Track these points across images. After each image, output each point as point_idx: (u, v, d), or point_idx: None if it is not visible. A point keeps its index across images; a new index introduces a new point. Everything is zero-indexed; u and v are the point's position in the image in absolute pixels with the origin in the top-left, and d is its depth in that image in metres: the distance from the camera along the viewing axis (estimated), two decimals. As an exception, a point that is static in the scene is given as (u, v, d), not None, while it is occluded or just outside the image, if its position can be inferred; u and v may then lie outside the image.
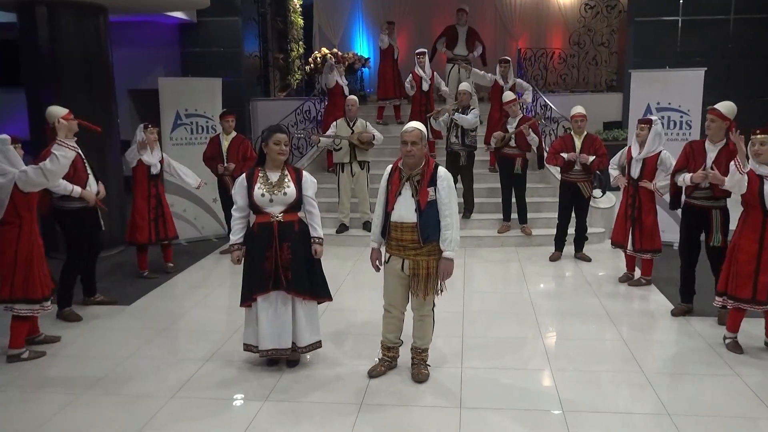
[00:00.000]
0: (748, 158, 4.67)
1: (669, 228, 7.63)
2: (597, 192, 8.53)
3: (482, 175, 8.94)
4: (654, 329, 5.43)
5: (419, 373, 4.42)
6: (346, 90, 9.80)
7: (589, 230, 7.72)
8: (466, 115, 8.18)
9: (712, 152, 5.30)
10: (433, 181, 4.14)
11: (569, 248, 7.64)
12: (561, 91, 12.21)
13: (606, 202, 8.48)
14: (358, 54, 13.91)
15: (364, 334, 5.21)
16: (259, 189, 4.38)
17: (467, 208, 8.49)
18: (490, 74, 9.76)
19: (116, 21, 11.59)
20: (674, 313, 5.66)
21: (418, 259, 4.19)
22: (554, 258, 7.50)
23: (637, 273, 6.60)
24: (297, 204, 4.45)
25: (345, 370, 4.62)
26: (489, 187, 8.92)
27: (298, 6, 13.89)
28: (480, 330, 5.40)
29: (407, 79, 9.99)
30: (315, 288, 4.54)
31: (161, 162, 7.00)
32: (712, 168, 5.21)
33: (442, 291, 4.34)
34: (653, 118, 6.41)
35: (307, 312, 4.52)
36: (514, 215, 8.29)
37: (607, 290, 6.40)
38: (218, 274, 7.29)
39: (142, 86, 11.60)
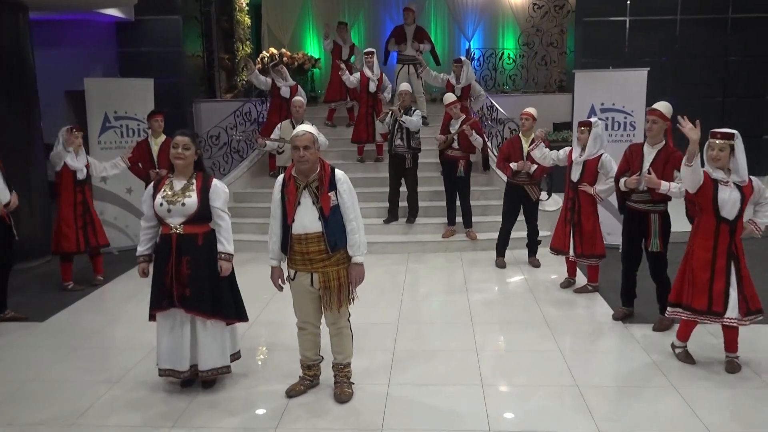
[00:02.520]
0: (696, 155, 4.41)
1: (614, 231, 7.50)
2: (543, 195, 8.37)
3: (427, 179, 8.70)
4: (593, 340, 5.23)
5: (342, 392, 4.15)
6: (301, 91, 9.48)
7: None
8: (410, 116, 7.95)
9: (649, 155, 5.16)
10: (332, 185, 3.89)
11: (512, 253, 7.45)
12: (513, 92, 12.04)
13: (552, 205, 8.31)
14: (308, 54, 13.61)
15: (289, 349, 4.88)
16: (159, 198, 4.08)
17: (411, 213, 8.26)
18: (443, 74, 9.52)
19: (50, 19, 11.10)
20: (615, 317, 5.52)
21: (327, 270, 3.93)
22: (501, 265, 7.28)
23: (583, 279, 6.44)
24: (200, 216, 4.10)
25: (263, 389, 4.32)
26: (434, 190, 8.68)
27: (244, 5, 13.50)
28: (413, 342, 5.14)
29: (353, 75, 9.72)
30: (220, 307, 4.17)
31: (87, 167, 6.64)
32: (648, 171, 5.06)
33: (353, 300, 4.08)
34: (593, 120, 6.22)
35: (213, 333, 4.17)
36: (459, 219, 8.08)
37: (550, 298, 6.21)
38: (149, 285, 6.88)
39: (79, 87, 11.07)
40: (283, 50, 13.21)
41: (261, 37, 14.07)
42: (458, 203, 8.02)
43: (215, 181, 4.22)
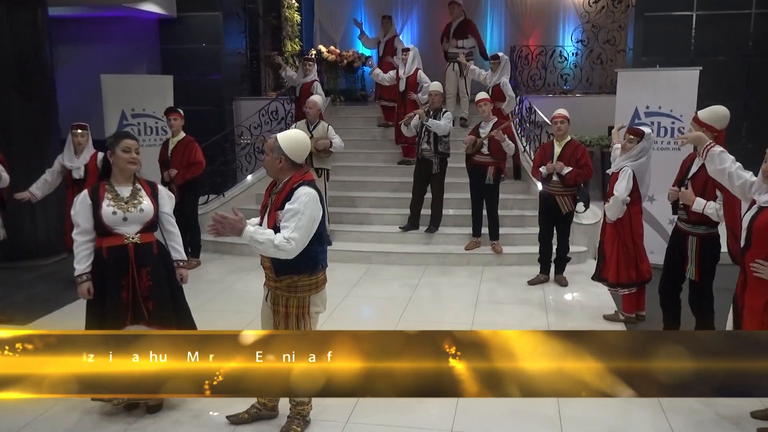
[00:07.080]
0: None
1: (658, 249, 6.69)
2: (579, 206, 7.62)
3: (455, 185, 8.07)
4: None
5: (287, 430, 3.69)
6: (318, 89, 9.12)
7: (571, 249, 6.80)
8: (439, 118, 7.40)
9: (695, 167, 4.46)
10: (287, 202, 3.38)
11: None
12: (566, 93, 11.19)
13: (591, 218, 7.55)
14: (359, 52, 13.20)
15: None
16: (108, 206, 3.73)
17: (433, 222, 7.69)
18: (486, 71, 8.90)
19: (93, 16, 11.18)
20: None
21: (277, 293, 3.52)
22: (536, 281, 6.60)
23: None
24: (154, 223, 3.84)
25: (209, 420, 3.91)
26: (460, 197, 8.05)
27: (293, 1, 13.24)
28: (393, 372, 4.60)
29: (389, 73, 9.28)
30: (181, 319, 3.92)
31: (88, 166, 6.47)
32: (686, 186, 4.37)
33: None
34: (647, 130, 5.29)
35: None
36: (485, 230, 7.44)
37: (568, 326, 5.52)
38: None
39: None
40: (332, 48, 12.87)
41: (313, 33, 13.80)
42: (485, 213, 7.39)
43: (161, 187, 3.96)
